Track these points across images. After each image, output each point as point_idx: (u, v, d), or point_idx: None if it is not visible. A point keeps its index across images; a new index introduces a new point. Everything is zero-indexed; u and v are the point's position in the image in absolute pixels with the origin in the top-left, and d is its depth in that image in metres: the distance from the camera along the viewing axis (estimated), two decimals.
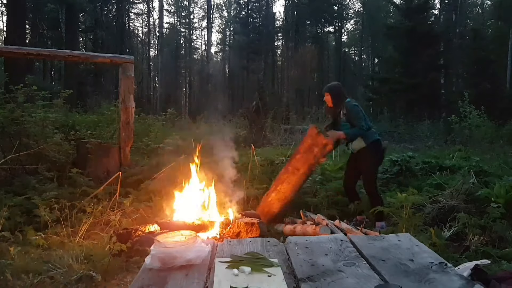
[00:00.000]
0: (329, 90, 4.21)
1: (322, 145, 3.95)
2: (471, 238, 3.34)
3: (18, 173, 5.02)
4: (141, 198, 4.54)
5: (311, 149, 3.99)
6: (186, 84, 38.77)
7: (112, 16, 30.61)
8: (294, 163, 4.08)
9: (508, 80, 20.73)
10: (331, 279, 1.28)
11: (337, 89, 4.23)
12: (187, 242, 1.44)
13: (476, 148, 9.61)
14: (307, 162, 4.00)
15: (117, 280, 2.77)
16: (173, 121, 9.74)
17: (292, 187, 4.06)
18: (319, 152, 3.96)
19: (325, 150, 3.98)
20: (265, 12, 35.55)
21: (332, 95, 4.17)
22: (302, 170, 4.02)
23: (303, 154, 4.03)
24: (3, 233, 3.22)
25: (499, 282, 2.03)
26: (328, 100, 4.19)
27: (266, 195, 4.21)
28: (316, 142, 3.97)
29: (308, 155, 4.00)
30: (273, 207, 4.11)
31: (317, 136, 3.98)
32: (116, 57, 6.04)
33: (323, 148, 3.95)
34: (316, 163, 4.08)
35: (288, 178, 4.07)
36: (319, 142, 3.96)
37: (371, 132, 4.10)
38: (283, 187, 4.08)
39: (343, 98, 4.13)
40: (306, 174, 4.08)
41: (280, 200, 4.09)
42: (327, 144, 3.96)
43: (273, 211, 4.10)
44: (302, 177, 4.07)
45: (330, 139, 3.97)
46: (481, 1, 33.69)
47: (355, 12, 40.17)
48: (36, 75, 18.59)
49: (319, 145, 3.95)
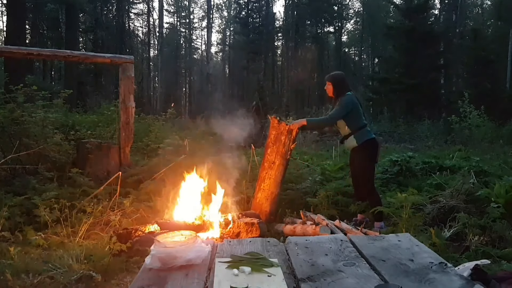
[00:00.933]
0: (331, 79, 4.04)
1: (287, 131, 4.02)
2: (471, 238, 3.34)
3: (18, 173, 5.02)
4: (141, 198, 4.55)
5: (278, 138, 4.07)
6: (186, 84, 38.77)
7: (112, 16, 30.60)
8: (268, 158, 4.15)
9: (508, 80, 20.72)
10: (331, 279, 1.28)
11: (340, 79, 4.06)
12: (187, 242, 1.44)
13: (476, 148, 9.62)
14: (279, 153, 4.07)
15: (117, 280, 2.77)
16: (173, 121, 9.73)
17: (274, 181, 4.12)
18: (286, 139, 4.04)
19: (292, 135, 4.05)
20: (265, 12, 35.52)
21: (334, 84, 4.01)
22: (278, 161, 4.09)
23: (273, 146, 4.10)
24: (3, 233, 3.22)
25: (499, 282, 2.03)
26: (329, 90, 4.04)
27: (254, 198, 4.26)
28: (280, 130, 4.05)
29: (277, 145, 4.07)
30: (263, 207, 4.15)
31: (279, 125, 4.06)
32: (116, 57, 6.05)
33: (289, 135, 4.03)
34: (288, 150, 4.09)
35: (267, 174, 4.14)
36: (283, 130, 4.04)
37: (364, 131, 3.94)
38: (266, 184, 4.15)
39: (345, 90, 3.97)
40: (283, 164, 4.13)
41: (268, 198, 4.15)
42: (291, 129, 4.01)
43: (265, 210, 4.14)
44: (280, 169, 4.12)
45: (292, 125, 4.01)
46: (481, 1, 33.69)
47: (355, 12, 40.18)
48: (36, 75, 18.62)
49: (284, 132, 4.03)
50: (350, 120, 3.92)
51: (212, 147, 6.29)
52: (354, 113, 3.92)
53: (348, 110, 3.89)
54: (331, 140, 13.44)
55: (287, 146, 4.04)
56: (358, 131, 3.91)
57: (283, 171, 4.16)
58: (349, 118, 3.92)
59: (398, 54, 23.41)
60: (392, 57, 24.75)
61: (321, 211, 4.25)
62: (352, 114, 3.92)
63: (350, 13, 39.92)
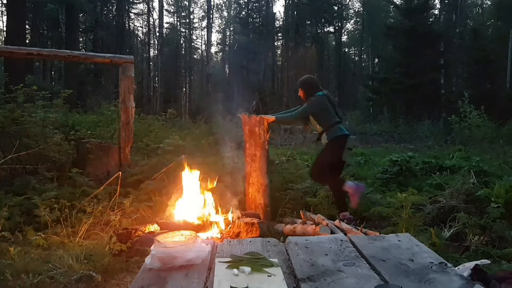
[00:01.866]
0: (300, 85, 4.32)
1: (259, 123, 4.14)
2: (471, 238, 3.34)
3: (18, 173, 5.02)
4: (141, 198, 4.54)
5: (252, 131, 4.17)
6: (186, 84, 38.76)
7: (112, 16, 30.61)
8: (248, 152, 4.22)
9: (508, 80, 20.72)
10: (331, 279, 1.28)
11: (307, 83, 4.32)
12: (187, 242, 1.44)
13: (476, 148, 9.63)
14: (258, 144, 4.16)
15: (117, 280, 2.77)
16: (173, 121, 9.73)
17: (260, 173, 4.18)
18: (260, 130, 4.15)
19: (265, 125, 4.16)
20: (265, 12, 35.54)
21: (304, 89, 4.28)
22: (258, 153, 4.17)
23: (250, 140, 4.19)
24: (3, 233, 3.22)
25: (499, 282, 2.03)
26: (301, 94, 4.30)
27: (246, 195, 4.30)
28: (253, 123, 4.16)
29: (254, 138, 4.17)
30: (257, 200, 4.19)
31: (249, 119, 4.19)
32: (116, 57, 6.04)
33: (262, 125, 4.15)
34: (265, 140, 4.19)
35: (252, 167, 4.20)
36: (255, 122, 4.16)
37: (334, 128, 4.14)
38: (253, 178, 4.20)
39: (314, 91, 4.20)
40: (264, 155, 4.21)
41: (259, 190, 4.19)
42: (263, 120, 4.14)
43: (259, 203, 4.18)
44: (262, 159, 4.19)
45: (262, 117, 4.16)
46: (481, 1, 33.70)
47: (355, 12, 40.20)
48: (36, 75, 18.63)
49: (257, 124, 4.15)
50: (320, 119, 4.17)
51: (212, 147, 6.29)
52: (324, 112, 4.15)
53: (314, 109, 4.15)
54: None
55: (263, 136, 4.17)
56: (329, 128, 4.14)
57: (266, 161, 4.26)
58: (320, 117, 4.17)
59: (398, 54, 23.43)
60: (392, 57, 24.79)
61: (321, 211, 4.25)
62: (321, 113, 4.17)
63: (350, 13, 39.97)
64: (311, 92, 4.21)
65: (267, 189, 4.23)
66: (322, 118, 4.16)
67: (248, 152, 4.22)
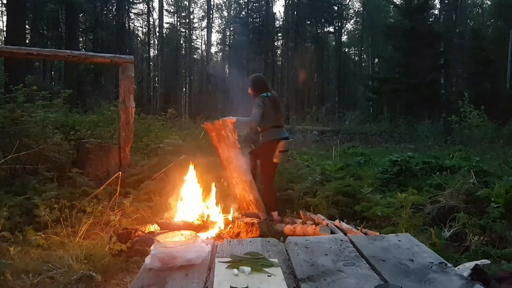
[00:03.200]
0: (249, 83, 4.41)
1: (223, 126, 4.16)
2: (471, 238, 3.34)
3: (18, 173, 5.02)
4: (141, 198, 4.54)
5: (220, 136, 4.19)
6: (186, 84, 38.75)
7: (112, 16, 30.60)
8: (222, 157, 4.25)
9: (508, 80, 20.72)
10: (331, 279, 1.28)
11: (255, 81, 4.40)
12: (187, 242, 1.44)
13: (476, 148, 9.62)
14: (229, 146, 4.18)
15: (117, 280, 2.77)
16: (173, 121, 9.72)
17: (239, 172, 4.20)
18: (227, 131, 4.17)
19: (229, 127, 4.18)
20: (265, 12, 35.51)
21: (252, 87, 4.37)
22: (232, 154, 4.18)
23: (220, 144, 4.21)
24: (3, 233, 3.21)
25: (499, 282, 2.03)
26: (250, 92, 4.39)
27: (234, 198, 4.31)
28: (217, 128, 4.19)
29: (223, 141, 4.19)
30: (246, 197, 4.20)
31: (213, 125, 4.21)
32: (116, 57, 6.04)
33: (227, 127, 4.17)
34: (234, 140, 4.21)
35: (231, 170, 4.22)
36: (219, 127, 4.17)
37: (270, 132, 4.26)
38: (235, 177, 4.22)
39: (260, 91, 4.27)
40: (239, 153, 4.23)
41: (245, 188, 4.19)
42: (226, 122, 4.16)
43: (250, 200, 4.18)
44: (237, 158, 4.20)
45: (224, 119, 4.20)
46: (481, 1, 33.70)
47: (355, 12, 40.18)
48: (36, 75, 18.61)
49: (221, 128, 4.16)
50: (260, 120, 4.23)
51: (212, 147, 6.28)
52: (264, 114, 4.18)
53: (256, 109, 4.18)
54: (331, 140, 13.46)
55: (232, 137, 4.18)
56: (265, 130, 4.27)
57: (242, 158, 4.28)
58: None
59: (398, 54, 23.42)
60: (392, 57, 24.77)
61: (321, 211, 4.25)
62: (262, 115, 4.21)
63: (350, 13, 39.95)
64: (257, 92, 4.29)
65: (252, 184, 4.23)
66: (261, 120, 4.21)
67: (222, 156, 4.24)
